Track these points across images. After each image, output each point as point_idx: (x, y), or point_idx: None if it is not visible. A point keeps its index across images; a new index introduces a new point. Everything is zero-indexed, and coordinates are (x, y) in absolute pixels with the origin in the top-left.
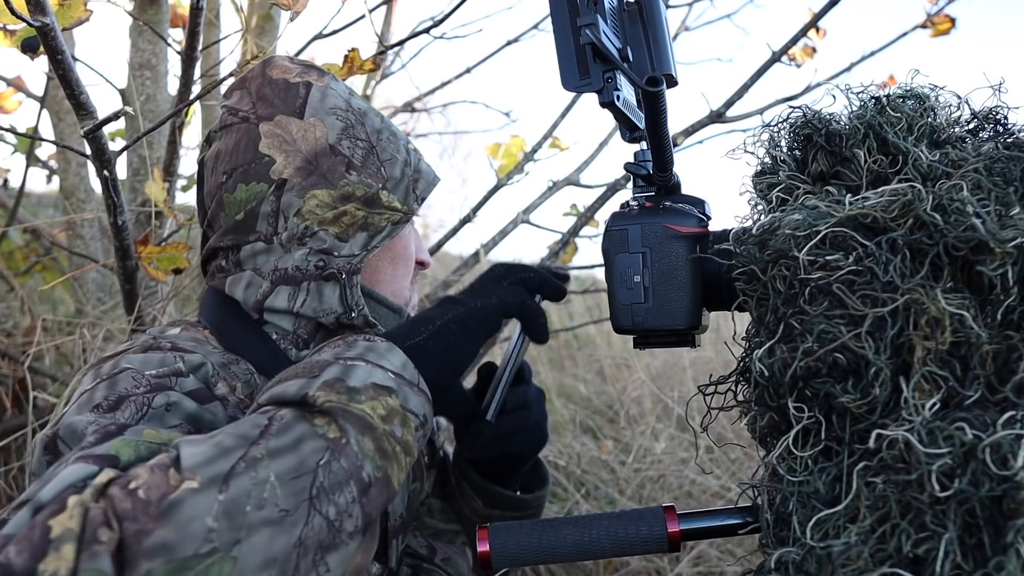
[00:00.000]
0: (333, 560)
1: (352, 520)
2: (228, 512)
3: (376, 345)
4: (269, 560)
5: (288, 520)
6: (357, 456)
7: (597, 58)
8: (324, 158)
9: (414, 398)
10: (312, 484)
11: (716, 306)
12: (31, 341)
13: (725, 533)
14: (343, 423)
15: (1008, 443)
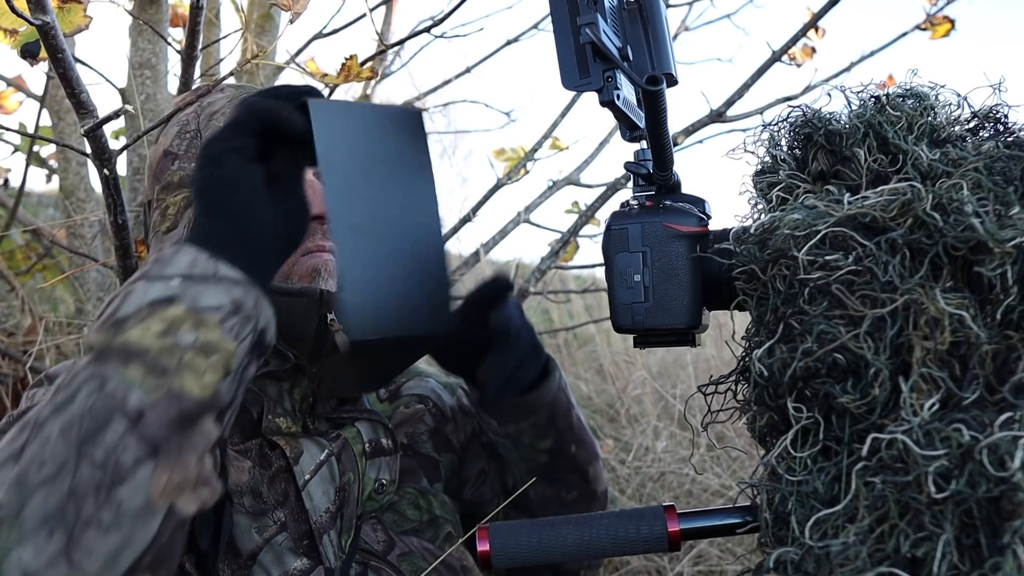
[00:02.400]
0: (124, 492)
1: (129, 452)
2: (18, 482)
3: (163, 255)
4: (47, 515)
5: (61, 474)
6: (116, 391)
7: (597, 57)
8: (160, 164)
9: (210, 292)
10: (79, 432)
11: (716, 305)
12: (32, 341)
13: (725, 532)
14: (106, 360)
15: (1005, 444)
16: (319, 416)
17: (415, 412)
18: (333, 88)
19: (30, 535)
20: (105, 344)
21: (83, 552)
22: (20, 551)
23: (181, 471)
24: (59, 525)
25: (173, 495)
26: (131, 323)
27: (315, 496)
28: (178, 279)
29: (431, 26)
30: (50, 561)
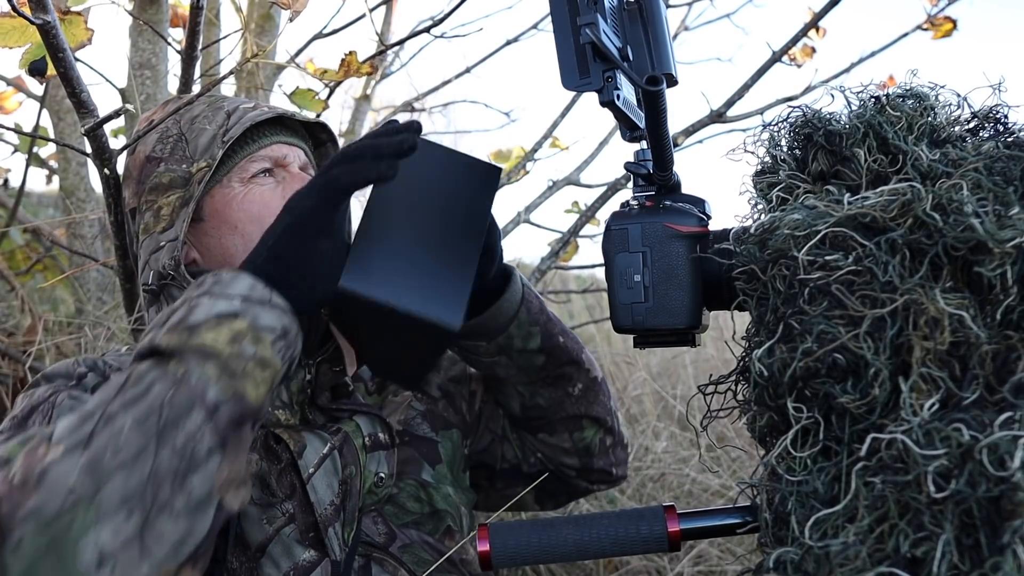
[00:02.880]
0: (195, 480)
1: (204, 442)
2: (90, 467)
3: (222, 276)
4: (126, 497)
5: (140, 458)
6: (199, 382)
7: (597, 57)
8: (144, 170)
9: (266, 314)
10: (159, 420)
11: (716, 305)
12: (32, 341)
13: (725, 532)
14: (185, 358)
15: (1005, 444)
16: (319, 408)
17: (403, 399)
18: (335, 85)
19: (108, 516)
20: (181, 344)
21: (155, 536)
22: (98, 531)
23: (237, 467)
24: (137, 507)
25: (226, 489)
26: (204, 329)
27: (319, 489)
28: (239, 299)
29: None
30: (126, 542)
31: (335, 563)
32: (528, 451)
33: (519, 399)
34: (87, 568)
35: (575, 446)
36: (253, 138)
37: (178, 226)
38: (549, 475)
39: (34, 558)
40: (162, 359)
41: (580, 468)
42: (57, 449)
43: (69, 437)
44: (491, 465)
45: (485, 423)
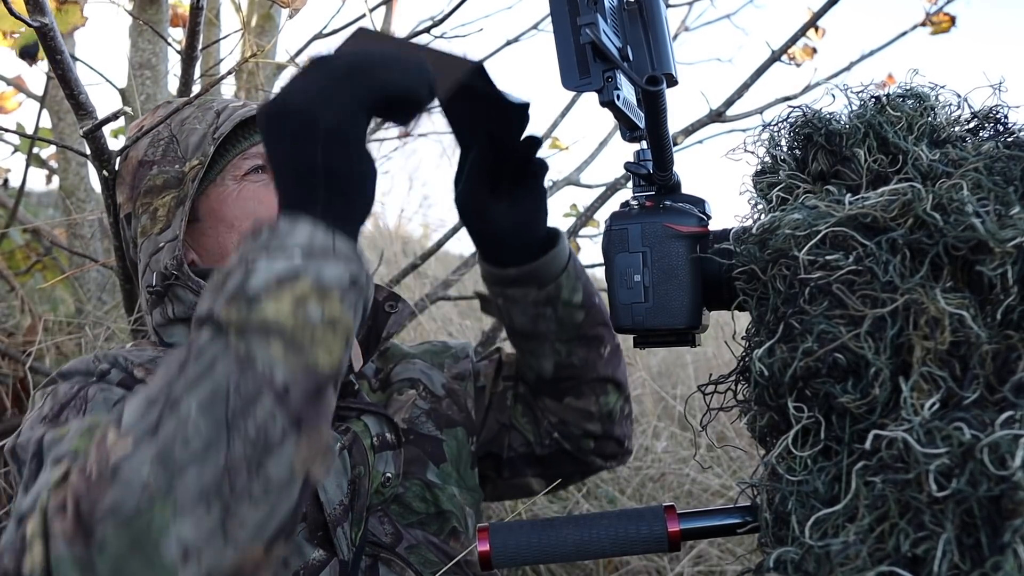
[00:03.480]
0: (272, 466)
1: (277, 426)
2: (161, 459)
3: (279, 228)
4: (203, 491)
5: (212, 450)
6: (264, 369)
7: (597, 57)
8: (137, 175)
9: (330, 267)
10: (227, 409)
11: (716, 305)
12: (32, 341)
13: (725, 532)
14: (247, 337)
15: (1006, 443)
16: None
17: (408, 398)
18: None
19: (188, 510)
20: (242, 321)
21: (237, 524)
22: (178, 525)
23: (317, 441)
24: (215, 499)
25: (309, 464)
26: (264, 299)
27: (329, 489)
28: (299, 253)
29: (431, 26)
30: (209, 533)
31: (343, 563)
32: (543, 432)
33: (554, 357)
34: (173, 564)
35: (600, 410)
36: (244, 136)
37: (176, 225)
38: (561, 454)
39: (120, 558)
40: (222, 332)
41: (601, 435)
42: (126, 441)
43: (136, 426)
44: (498, 455)
45: (494, 415)
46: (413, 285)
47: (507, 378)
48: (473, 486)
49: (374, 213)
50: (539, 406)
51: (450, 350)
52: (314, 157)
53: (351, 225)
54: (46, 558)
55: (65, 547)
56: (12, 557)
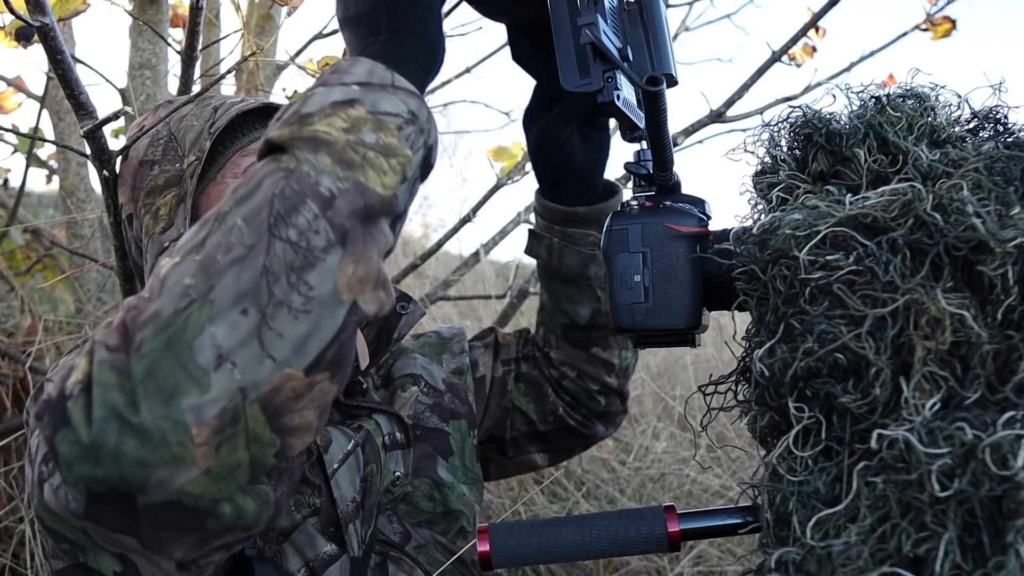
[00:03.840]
0: (313, 278)
1: (320, 236)
2: (203, 266)
3: (339, 65)
4: (240, 294)
5: (252, 253)
6: (309, 174)
7: (597, 58)
8: (138, 175)
9: (388, 99)
10: (270, 214)
11: (716, 306)
12: (32, 341)
13: (725, 533)
14: (295, 147)
15: (1008, 443)
16: (335, 404)
17: (411, 394)
18: None
19: (223, 312)
20: (291, 136)
21: (273, 335)
22: (213, 328)
23: (365, 265)
24: (252, 304)
25: (357, 290)
26: (316, 118)
27: (343, 485)
28: (357, 85)
29: None
30: (243, 340)
31: (354, 559)
32: (547, 410)
33: (592, 304)
34: (205, 366)
35: (620, 364)
36: (243, 132)
37: (179, 224)
38: (564, 430)
39: (153, 358)
40: (275, 156)
41: (615, 388)
42: (176, 256)
43: (187, 243)
44: (501, 436)
45: (495, 400)
46: (413, 285)
47: (506, 361)
48: (478, 478)
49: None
50: (558, 360)
51: (447, 343)
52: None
53: (416, 68)
54: (89, 369)
55: (107, 353)
56: (57, 384)
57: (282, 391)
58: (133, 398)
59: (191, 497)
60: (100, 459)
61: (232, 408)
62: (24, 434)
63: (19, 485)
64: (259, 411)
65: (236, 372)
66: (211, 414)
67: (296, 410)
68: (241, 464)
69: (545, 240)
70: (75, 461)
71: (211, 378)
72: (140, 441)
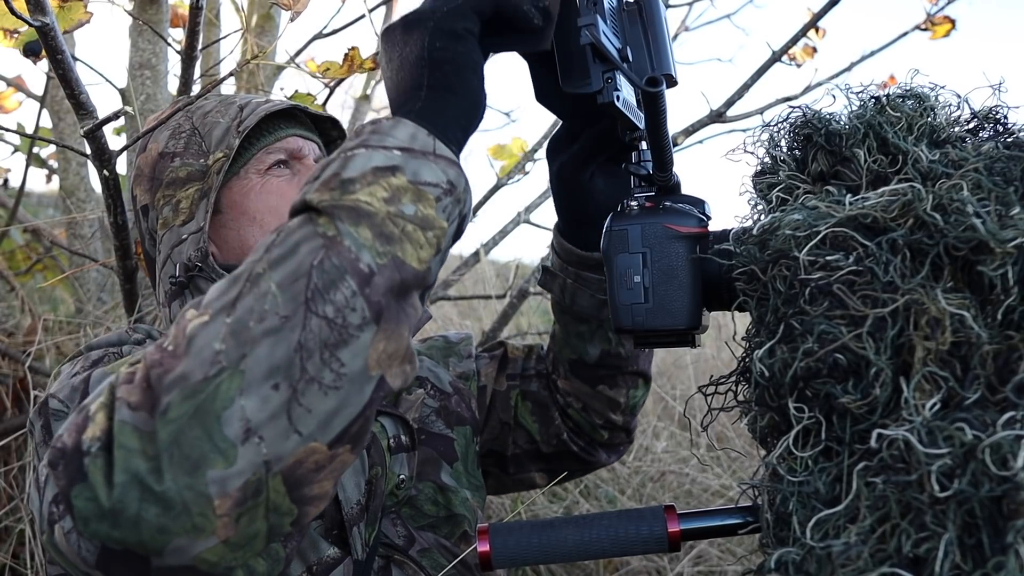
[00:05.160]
0: (346, 355)
1: (357, 313)
2: (234, 332)
3: (380, 125)
4: (273, 368)
5: (287, 326)
6: (351, 249)
7: (597, 58)
8: (157, 167)
9: (429, 168)
10: (307, 287)
11: (716, 306)
12: (32, 341)
13: (725, 533)
14: (335, 218)
15: (1008, 443)
16: None
17: (417, 397)
18: (336, 84)
19: (255, 386)
20: (333, 202)
21: (302, 410)
22: (244, 400)
23: (396, 342)
24: (284, 379)
25: (385, 366)
26: (358, 186)
27: (347, 488)
28: (398, 151)
29: None
30: (273, 415)
31: (357, 562)
32: (551, 432)
33: (603, 345)
34: (234, 439)
35: (626, 402)
36: (268, 130)
37: (199, 218)
38: (566, 454)
39: (180, 426)
40: (311, 217)
41: (620, 425)
42: (204, 315)
43: (217, 301)
44: (502, 452)
45: (496, 414)
46: None
47: (512, 376)
48: (480, 484)
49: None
50: (564, 389)
51: (454, 347)
52: (420, 47)
53: (456, 129)
54: (109, 426)
55: (129, 413)
56: (72, 432)
57: (305, 463)
58: (157, 465)
59: (207, 564)
60: (119, 523)
61: (255, 481)
62: (24, 434)
63: (19, 485)
64: (281, 483)
65: (263, 446)
66: (235, 486)
67: (316, 481)
68: (259, 534)
69: (559, 279)
70: (92, 518)
71: (238, 451)
72: (161, 509)
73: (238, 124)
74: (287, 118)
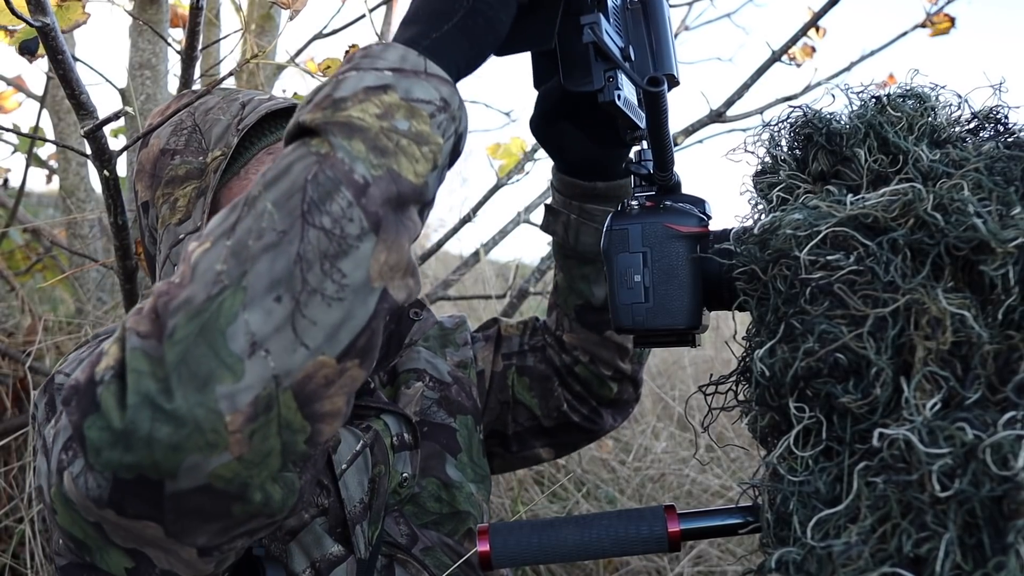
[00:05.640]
0: (347, 265)
1: (354, 223)
2: (235, 252)
3: (371, 50)
4: (274, 281)
5: (285, 240)
6: (344, 161)
7: (599, 57)
8: (158, 163)
9: (420, 85)
10: (303, 200)
11: (716, 306)
12: (32, 341)
13: (725, 533)
14: (328, 134)
15: (1009, 443)
16: None
17: (416, 390)
18: None
19: (257, 300)
20: (325, 120)
21: (307, 322)
22: (247, 315)
23: (396, 253)
24: (286, 291)
25: (388, 277)
26: (350, 103)
27: (351, 486)
28: (389, 71)
29: None
30: (277, 327)
31: (360, 561)
32: (551, 405)
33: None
34: (239, 354)
35: (634, 349)
36: (270, 130)
37: (196, 217)
38: (568, 425)
39: (186, 345)
40: (305, 141)
41: (629, 374)
42: (207, 241)
43: (217, 228)
44: (503, 432)
45: (495, 395)
46: None
47: (507, 355)
48: (485, 474)
49: None
50: (570, 344)
51: (449, 335)
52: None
53: (453, 63)
54: (121, 356)
55: (139, 340)
56: (86, 369)
57: (314, 378)
58: (167, 385)
59: (222, 480)
60: (132, 445)
61: (266, 396)
62: (24, 434)
63: (19, 485)
64: (292, 398)
65: (270, 359)
66: (245, 401)
67: (327, 396)
68: (273, 451)
69: (562, 216)
70: (104, 447)
71: (245, 365)
72: (174, 427)
73: (238, 122)
74: (289, 116)
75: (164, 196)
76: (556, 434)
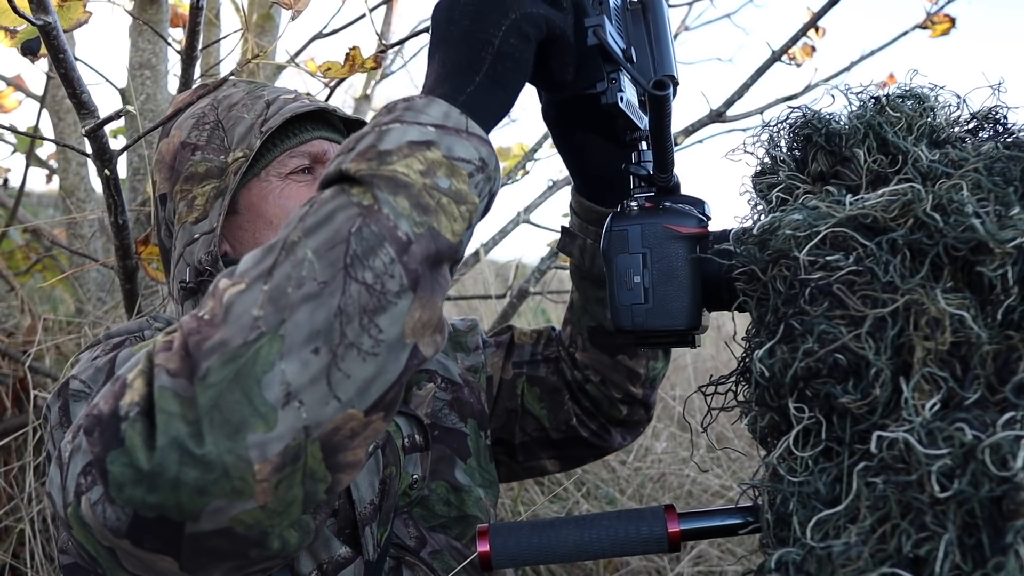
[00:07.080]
0: (384, 321)
1: (395, 280)
2: (273, 298)
3: (414, 103)
4: (313, 333)
5: (326, 291)
6: (389, 217)
7: (602, 59)
8: (178, 157)
9: (462, 144)
10: (346, 253)
11: (716, 306)
12: (31, 341)
13: (725, 533)
14: (374, 187)
15: (1008, 444)
16: None
17: (427, 392)
18: (336, 84)
19: (295, 350)
20: (371, 172)
21: (341, 376)
22: (284, 364)
23: (430, 310)
24: (324, 343)
25: (420, 334)
26: (395, 157)
27: (361, 487)
28: (432, 127)
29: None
30: (313, 379)
31: (368, 563)
32: (560, 419)
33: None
34: (274, 403)
35: (646, 374)
36: (293, 132)
37: (213, 218)
38: (576, 440)
39: (220, 390)
40: (344, 188)
41: (639, 399)
42: (240, 283)
43: (252, 270)
44: (509, 440)
45: (503, 402)
46: None
47: (518, 363)
48: (493, 479)
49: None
50: (582, 363)
51: (461, 338)
52: (492, 34)
53: (488, 116)
54: (148, 392)
55: (168, 379)
56: (108, 399)
57: (342, 430)
58: (198, 429)
59: (243, 526)
60: (158, 486)
61: (295, 446)
62: (24, 434)
63: (19, 485)
64: (319, 449)
65: (303, 411)
66: (275, 451)
67: (351, 448)
68: (296, 500)
69: (578, 240)
70: (127, 483)
71: (278, 415)
72: (201, 472)
73: (262, 123)
74: (314, 118)
75: (182, 192)
76: (563, 447)
